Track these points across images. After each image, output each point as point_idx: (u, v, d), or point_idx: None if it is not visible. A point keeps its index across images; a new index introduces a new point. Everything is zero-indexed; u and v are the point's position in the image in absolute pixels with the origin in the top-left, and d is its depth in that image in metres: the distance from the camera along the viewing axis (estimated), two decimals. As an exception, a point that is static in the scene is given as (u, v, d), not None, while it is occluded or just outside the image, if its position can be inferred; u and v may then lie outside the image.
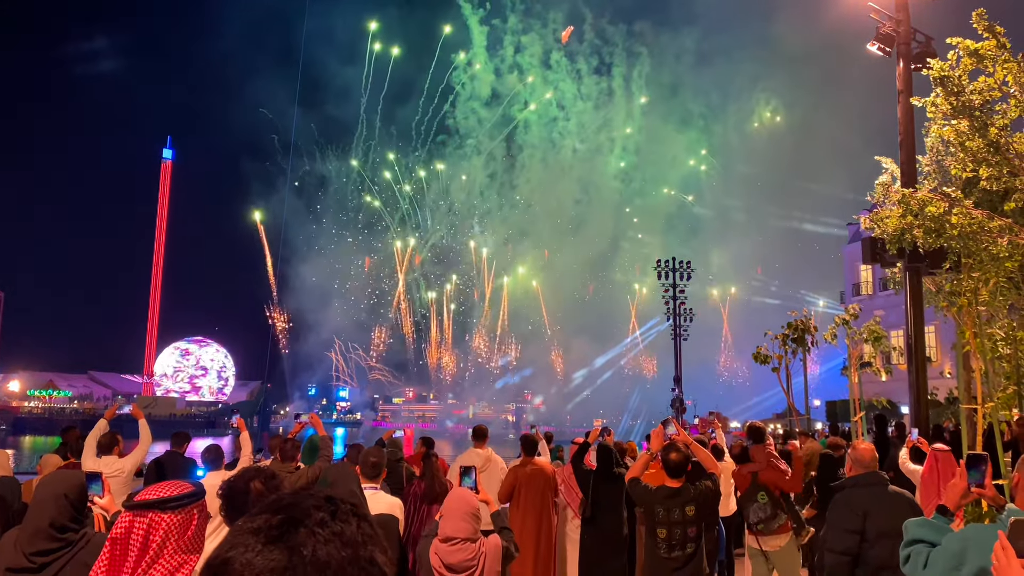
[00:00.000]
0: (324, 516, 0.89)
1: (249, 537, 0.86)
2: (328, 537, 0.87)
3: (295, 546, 0.85)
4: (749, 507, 7.02)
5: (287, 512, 0.89)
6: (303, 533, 0.86)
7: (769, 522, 6.94)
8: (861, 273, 46.34)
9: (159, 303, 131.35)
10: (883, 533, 4.63)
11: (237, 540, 0.86)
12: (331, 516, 0.90)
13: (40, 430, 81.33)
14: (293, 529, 0.87)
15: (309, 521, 0.88)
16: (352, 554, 0.87)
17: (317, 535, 0.87)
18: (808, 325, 15.54)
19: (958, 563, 2.82)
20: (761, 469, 7.16)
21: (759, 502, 6.98)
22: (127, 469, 6.96)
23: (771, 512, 6.95)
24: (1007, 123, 10.69)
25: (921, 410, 12.64)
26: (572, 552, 8.15)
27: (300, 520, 0.88)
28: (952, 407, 24.38)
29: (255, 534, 0.87)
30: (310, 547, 0.85)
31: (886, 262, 13.39)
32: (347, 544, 0.88)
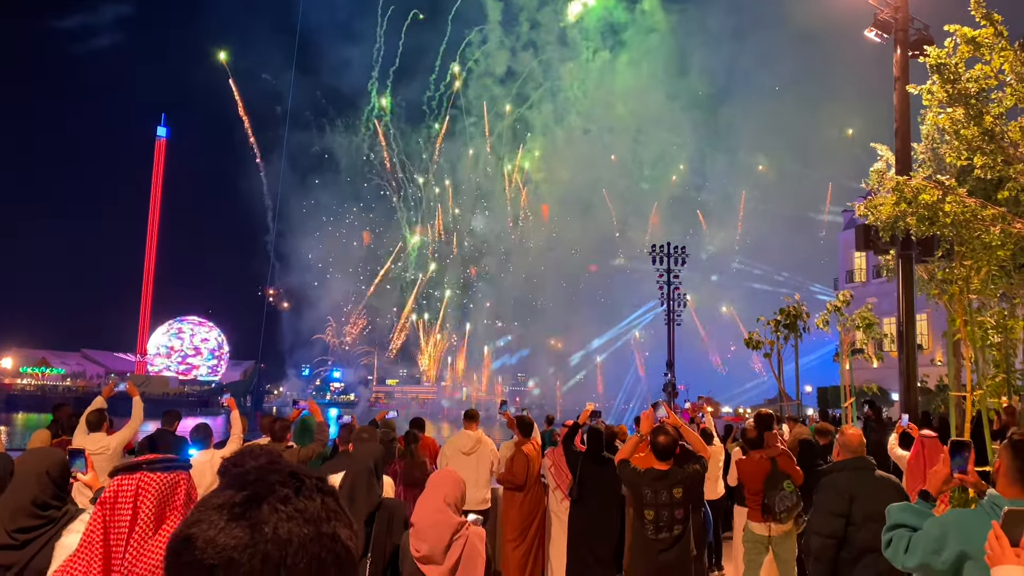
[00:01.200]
0: (288, 492, 0.89)
1: (212, 513, 0.86)
2: (291, 514, 0.87)
3: (257, 523, 0.85)
4: (775, 495, 6.99)
5: (251, 488, 0.88)
6: (266, 510, 0.86)
7: (792, 510, 6.95)
8: (855, 260, 46.45)
9: (152, 281, 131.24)
10: (869, 517, 4.67)
11: (201, 516, 0.86)
12: (295, 492, 0.89)
13: (33, 407, 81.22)
14: (256, 506, 0.86)
15: (272, 498, 0.88)
16: (314, 531, 0.87)
17: (280, 512, 0.86)
18: (800, 311, 15.58)
19: (939, 547, 2.85)
20: (777, 455, 7.19)
21: (786, 490, 6.97)
22: (112, 446, 6.92)
23: (796, 501, 6.96)
24: (1002, 111, 10.69)
25: (911, 397, 12.72)
26: (560, 533, 8.21)
27: (263, 496, 0.87)
28: (942, 394, 24.52)
29: (218, 510, 0.87)
30: (271, 524, 0.85)
31: (879, 249, 13.41)
32: (309, 521, 0.87)
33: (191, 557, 0.83)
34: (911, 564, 2.96)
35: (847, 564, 4.76)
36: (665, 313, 39.64)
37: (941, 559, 2.83)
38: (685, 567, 5.54)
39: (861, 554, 4.71)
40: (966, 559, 2.77)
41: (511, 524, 8.07)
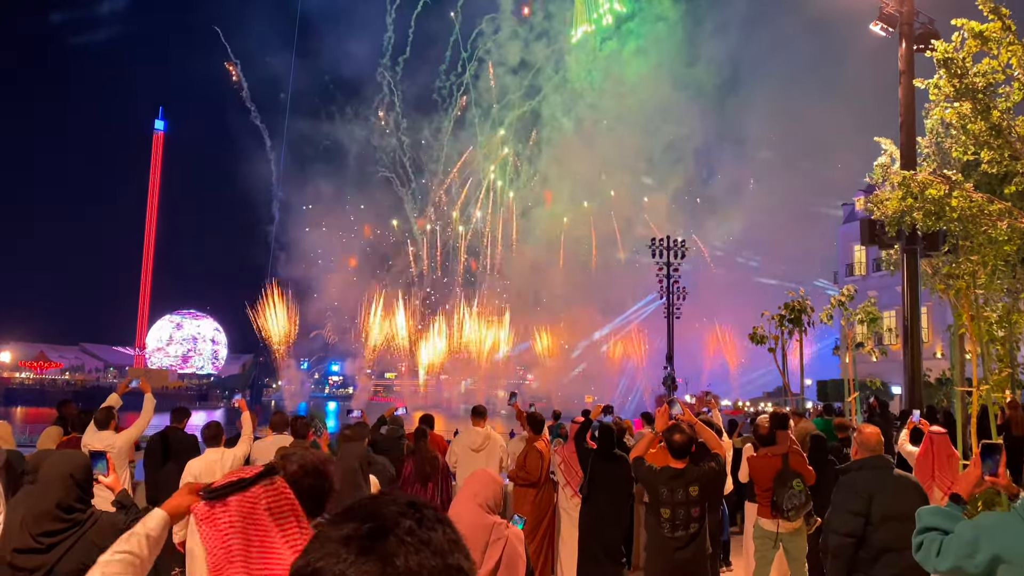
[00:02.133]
0: (411, 524, 0.88)
1: (339, 547, 0.85)
2: (418, 546, 0.86)
3: (387, 556, 0.84)
4: (783, 493, 6.99)
5: (374, 520, 0.88)
6: (392, 542, 0.86)
7: (800, 509, 6.94)
8: (855, 253, 46.49)
9: (151, 275, 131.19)
10: (887, 516, 4.68)
11: (327, 549, 0.86)
12: (417, 524, 0.89)
13: (32, 401, 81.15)
14: (382, 538, 0.86)
15: (398, 530, 0.87)
16: (442, 563, 0.87)
17: (407, 544, 0.86)
18: (805, 306, 15.60)
19: (972, 551, 2.85)
20: (789, 453, 7.18)
21: (795, 489, 6.97)
22: (117, 445, 6.87)
23: (804, 500, 6.96)
24: (1010, 106, 10.67)
25: (916, 391, 12.74)
26: (570, 529, 8.23)
27: (389, 528, 0.87)
28: (943, 388, 24.57)
29: (344, 544, 0.85)
30: (402, 557, 0.84)
31: (884, 244, 13.42)
32: (436, 552, 0.87)
33: None
34: (943, 568, 2.95)
35: (865, 563, 4.76)
36: (664, 306, 39.69)
37: (975, 563, 2.83)
38: (701, 565, 5.55)
39: (880, 553, 4.71)
40: (1000, 563, 2.77)
41: (522, 521, 8.07)
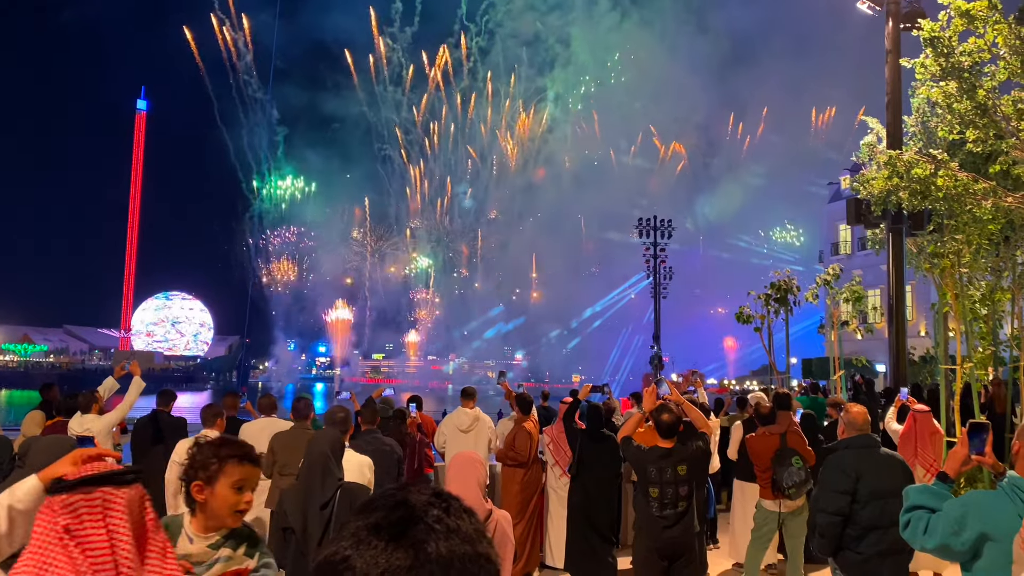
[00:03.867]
0: (439, 513, 0.89)
1: (369, 535, 0.86)
2: (447, 533, 0.87)
3: (418, 543, 0.85)
4: (783, 471, 7.02)
5: (403, 509, 0.89)
6: (422, 529, 0.86)
7: (801, 487, 6.97)
8: (840, 232, 46.68)
9: (135, 256, 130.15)
10: (874, 494, 4.73)
11: (358, 537, 0.86)
12: (445, 512, 0.90)
13: (16, 384, 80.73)
14: (412, 526, 0.87)
15: (427, 517, 0.88)
16: (472, 550, 0.87)
17: (436, 531, 0.87)
18: (791, 285, 15.67)
19: (959, 528, 2.88)
20: (787, 432, 7.22)
21: (794, 467, 7.01)
22: (95, 429, 6.80)
23: (804, 477, 7.00)
24: (995, 85, 10.71)
25: (900, 369, 12.85)
26: (559, 509, 8.28)
27: (419, 517, 0.88)
28: (928, 366, 24.83)
29: (375, 532, 0.86)
30: (432, 544, 0.85)
31: (870, 223, 13.48)
32: (466, 540, 0.88)
33: None
34: (930, 545, 2.98)
35: (852, 540, 4.82)
36: (652, 286, 39.80)
37: (961, 540, 2.86)
38: (690, 543, 5.60)
39: (866, 531, 4.77)
40: (986, 540, 2.80)
41: (511, 501, 8.11)
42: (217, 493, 2.61)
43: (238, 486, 2.64)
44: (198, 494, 2.61)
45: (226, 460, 2.64)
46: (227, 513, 2.63)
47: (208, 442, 2.73)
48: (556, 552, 8.28)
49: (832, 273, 16.15)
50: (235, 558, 2.63)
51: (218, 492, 2.61)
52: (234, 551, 2.63)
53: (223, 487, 2.61)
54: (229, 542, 2.64)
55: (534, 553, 8.29)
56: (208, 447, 2.68)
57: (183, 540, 2.59)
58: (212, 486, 2.61)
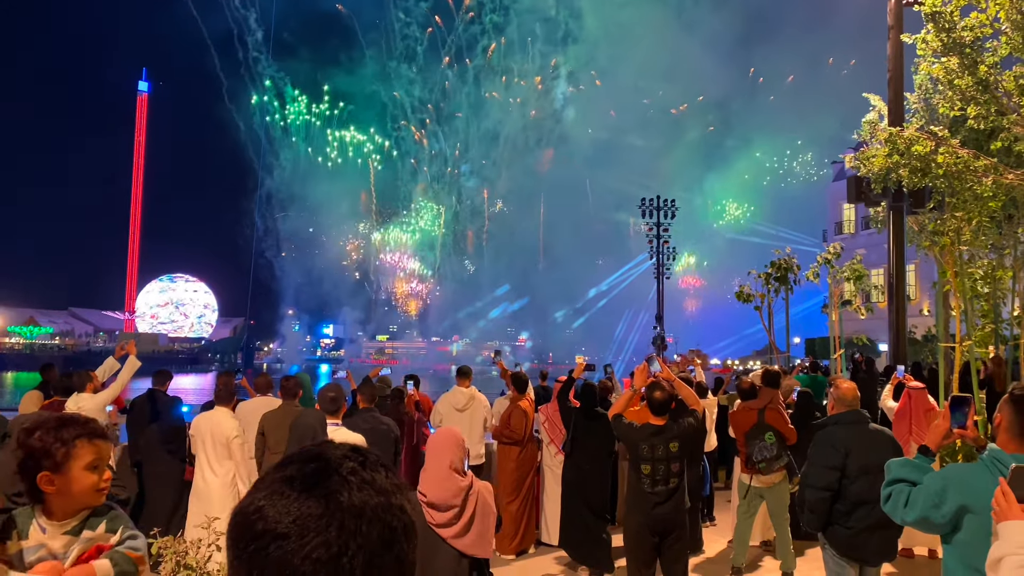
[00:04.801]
0: (355, 465, 0.91)
1: (283, 485, 0.88)
2: (361, 484, 0.89)
3: (330, 493, 0.87)
4: (755, 445, 7.09)
5: (317, 461, 0.91)
6: (336, 480, 0.88)
7: (772, 462, 7.04)
8: (844, 212, 46.48)
9: (139, 238, 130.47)
10: (863, 469, 4.73)
11: (272, 487, 0.88)
12: (361, 465, 0.92)
13: (23, 366, 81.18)
14: (326, 478, 0.88)
15: (342, 469, 0.90)
16: (386, 501, 0.89)
17: (350, 483, 0.88)
18: (791, 264, 15.61)
19: (939, 501, 2.87)
20: (766, 407, 7.24)
21: (766, 441, 7.06)
22: (87, 408, 6.77)
23: (776, 453, 7.05)
24: (997, 61, 10.58)
25: (901, 348, 12.82)
26: (554, 486, 8.31)
27: (333, 469, 0.90)
28: (929, 344, 24.78)
29: (288, 482, 0.88)
30: (345, 494, 0.87)
31: (870, 201, 13.39)
32: (380, 492, 0.90)
33: (264, 527, 0.84)
34: (910, 518, 2.98)
35: (841, 515, 4.82)
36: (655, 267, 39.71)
37: (941, 512, 2.85)
38: (680, 520, 5.61)
39: (855, 506, 4.77)
40: (966, 512, 2.79)
41: (506, 478, 8.14)
42: (73, 478, 2.38)
43: (93, 465, 2.42)
44: (47, 486, 2.36)
45: (73, 441, 2.39)
46: (89, 495, 2.43)
47: (42, 425, 2.42)
48: (551, 529, 8.32)
49: (833, 252, 16.06)
50: (96, 536, 2.46)
51: (74, 477, 2.38)
52: (94, 531, 2.46)
53: (78, 470, 2.39)
54: (89, 522, 2.46)
55: (530, 530, 8.34)
56: (46, 432, 2.39)
57: (35, 532, 2.38)
58: (63, 473, 2.37)
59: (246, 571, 0.84)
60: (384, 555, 0.87)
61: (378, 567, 0.85)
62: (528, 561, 8.07)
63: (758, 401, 7.42)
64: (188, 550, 4.09)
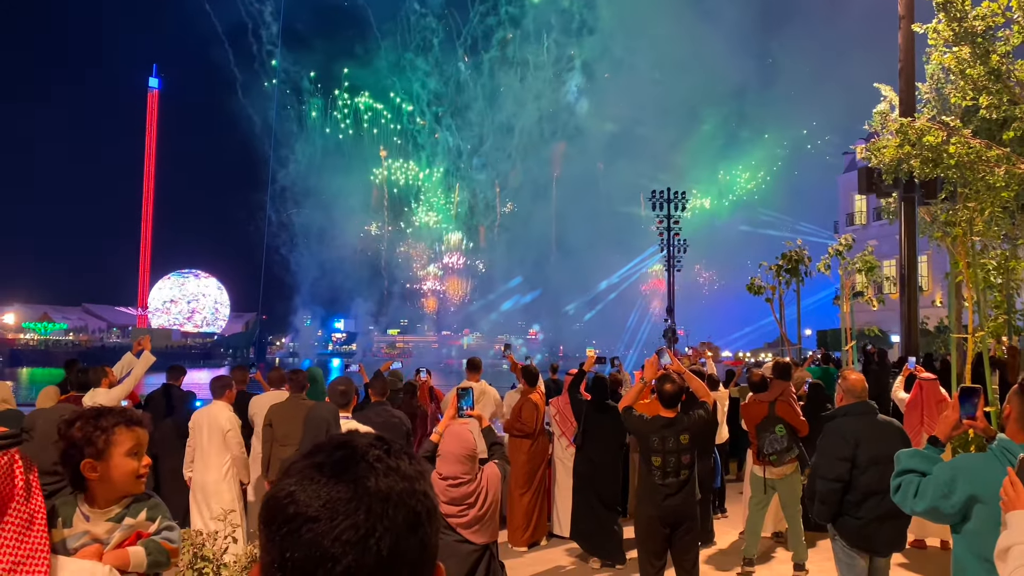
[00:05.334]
0: (380, 453, 0.96)
1: (313, 471, 0.92)
2: (387, 471, 0.93)
3: (358, 479, 0.91)
4: (765, 437, 7.13)
5: (346, 449, 0.95)
6: (363, 467, 0.92)
7: (783, 454, 7.07)
8: (855, 203, 46.24)
9: (151, 234, 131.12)
10: (873, 460, 4.76)
11: (303, 474, 0.92)
12: (386, 453, 0.96)
13: (37, 362, 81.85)
14: (354, 464, 0.93)
15: (368, 456, 0.94)
16: (409, 487, 0.94)
17: (376, 469, 0.93)
18: (802, 256, 15.57)
19: (948, 491, 2.89)
20: (777, 399, 7.26)
21: (776, 434, 7.09)
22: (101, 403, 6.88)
23: (787, 445, 7.08)
24: (1009, 50, 10.52)
25: (913, 339, 12.78)
26: (565, 479, 8.35)
27: (360, 456, 0.94)
28: (942, 336, 24.67)
29: (318, 469, 0.92)
30: (372, 480, 0.91)
31: (882, 192, 13.35)
32: (404, 478, 0.94)
33: (296, 510, 0.88)
34: (920, 508, 2.99)
35: (852, 506, 4.85)
36: (665, 259, 39.63)
37: (950, 503, 2.87)
38: (691, 511, 5.63)
39: (865, 496, 4.80)
40: (975, 503, 2.81)
41: (518, 471, 8.18)
42: (114, 464, 2.48)
43: (133, 451, 2.53)
44: (91, 472, 2.47)
45: (113, 428, 2.50)
46: (129, 482, 2.52)
47: (80, 416, 2.54)
48: (563, 521, 8.36)
49: (844, 243, 16.01)
50: (137, 524, 2.55)
51: (115, 463, 2.48)
52: (135, 518, 2.55)
53: (118, 457, 2.49)
54: (131, 509, 2.55)
55: (541, 523, 8.38)
56: (86, 422, 2.50)
57: (79, 519, 2.47)
58: (105, 460, 2.47)
59: (279, 552, 0.87)
60: (409, 538, 0.90)
61: (403, 549, 0.89)
62: (540, 553, 8.12)
63: (769, 393, 7.44)
64: (205, 542, 4.16)
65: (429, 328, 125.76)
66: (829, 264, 15.94)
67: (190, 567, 4.04)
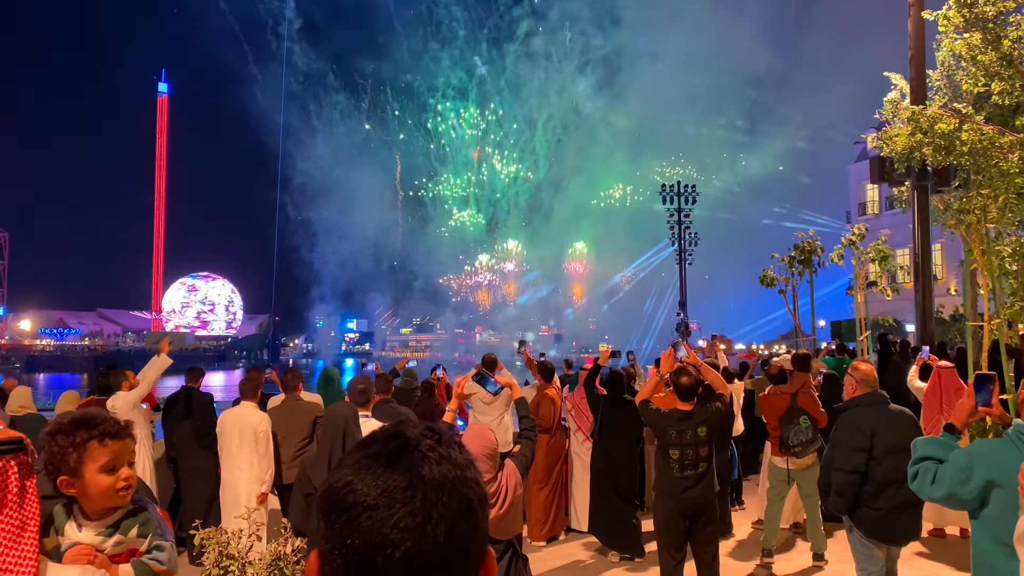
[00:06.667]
0: (431, 443, 0.99)
1: (370, 461, 0.95)
2: (439, 459, 0.96)
3: (413, 467, 0.94)
4: (790, 429, 7.15)
5: (399, 440, 0.98)
6: (417, 456, 0.96)
7: (807, 446, 7.10)
8: (867, 192, 45.97)
9: (163, 238, 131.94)
10: (889, 449, 4.76)
11: (359, 464, 0.95)
12: (437, 443, 0.99)
13: (54, 367, 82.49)
14: (408, 454, 0.96)
15: (421, 446, 0.98)
16: (462, 475, 0.97)
17: (430, 458, 0.96)
18: (815, 246, 15.51)
19: (966, 477, 2.91)
20: (799, 391, 7.28)
21: (800, 425, 7.11)
22: (116, 406, 6.86)
23: (811, 436, 7.11)
24: (1021, 35, 10.46)
25: (927, 328, 12.72)
26: (583, 473, 8.38)
27: (414, 446, 0.97)
28: (957, 324, 24.52)
29: (375, 459, 0.95)
30: (426, 468, 0.94)
31: (894, 181, 13.27)
32: (456, 466, 0.97)
33: (355, 499, 0.91)
34: (938, 495, 3.02)
35: (869, 497, 4.84)
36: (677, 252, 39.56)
37: (968, 488, 2.89)
38: (710, 503, 5.66)
39: (883, 487, 4.79)
40: (993, 487, 2.83)
41: (536, 466, 8.22)
42: (88, 482, 2.37)
43: (108, 467, 2.39)
44: (68, 489, 2.38)
45: (85, 445, 2.37)
46: (107, 498, 2.41)
47: (60, 429, 2.41)
48: (581, 516, 8.40)
49: (857, 233, 15.93)
50: (127, 541, 2.47)
51: (88, 480, 2.37)
52: (125, 535, 2.47)
53: (91, 474, 2.37)
54: (123, 524, 2.48)
55: (559, 517, 8.42)
56: (61, 436, 2.38)
57: (71, 529, 2.41)
58: (80, 477, 2.37)
59: (339, 540, 0.91)
60: (463, 524, 0.94)
61: (458, 535, 0.92)
62: (559, 547, 8.16)
63: (791, 385, 7.44)
64: (230, 540, 4.22)
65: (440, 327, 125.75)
66: (842, 254, 15.86)
67: (216, 565, 4.11)
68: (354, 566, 0.89)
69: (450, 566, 0.92)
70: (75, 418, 2.47)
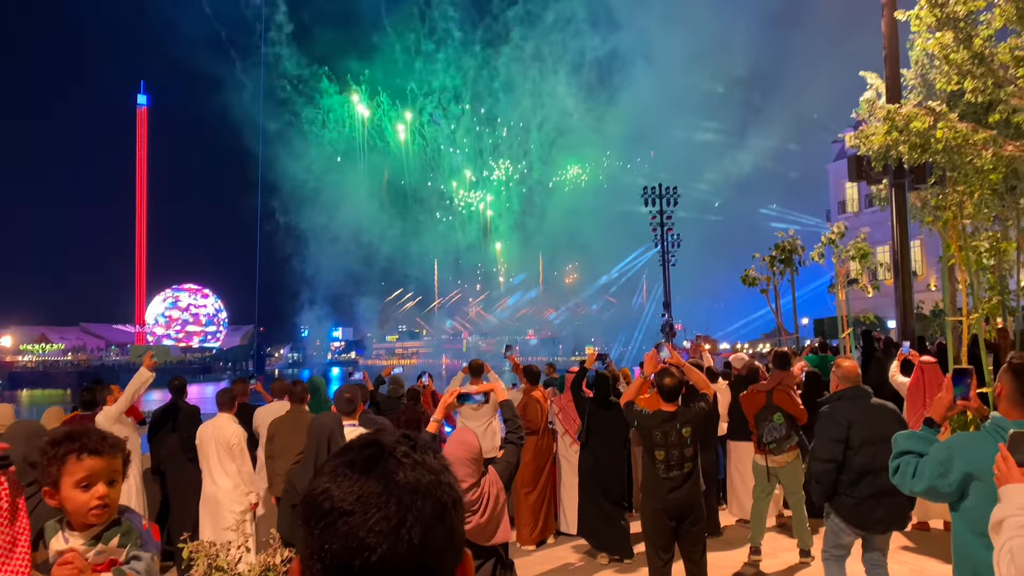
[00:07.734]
0: (407, 449, 1.02)
1: (345, 469, 0.98)
2: (414, 465, 1.00)
3: (388, 474, 0.97)
4: (764, 427, 7.25)
5: (374, 447, 1.02)
6: (392, 463, 0.99)
7: (782, 442, 7.20)
8: (846, 190, 46.40)
9: (145, 251, 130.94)
10: (865, 441, 5.04)
11: (336, 472, 0.98)
12: (412, 449, 1.03)
13: (36, 383, 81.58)
14: (383, 461, 0.99)
15: (396, 452, 1.01)
16: (435, 479, 1.00)
17: (404, 464, 0.99)
18: (795, 246, 15.66)
19: (945, 470, 2.96)
20: (775, 388, 7.37)
21: (774, 422, 7.21)
22: (99, 421, 6.88)
23: (785, 433, 7.21)
24: (992, 33, 10.61)
25: (907, 324, 12.86)
26: (571, 476, 8.41)
27: (388, 453, 1.01)
28: (937, 320, 24.78)
29: (350, 466, 0.98)
30: (401, 474, 0.98)
31: (871, 179, 13.41)
32: (430, 471, 1.00)
33: (332, 505, 0.94)
34: (919, 488, 3.07)
35: (847, 486, 5.11)
36: (660, 254, 39.74)
37: (947, 481, 2.94)
38: (696, 503, 5.70)
39: (860, 476, 5.04)
40: (972, 480, 2.88)
41: (524, 470, 8.23)
42: (64, 496, 2.39)
43: (83, 484, 2.39)
44: (50, 500, 2.41)
45: (63, 459, 2.38)
46: (83, 514, 2.40)
47: (52, 440, 2.43)
48: (569, 518, 8.43)
49: (837, 231, 16.11)
50: (107, 550, 2.47)
51: (64, 495, 2.38)
52: (107, 544, 2.47)
53: (67, 488, 2.38)
54: (105, 534, 2.48)
55: (548, 520, 8.44)
56: (50, 447, 2.41)
57: (58, 540, 2.42)
58: (60, 490, 2.39)
59: (318, 545, 0.94)
60: (438, 526, 0.97)
61: (433, 537, 0.95)
62: (548, 551, 8.18)
63: (767, 383, 7.53)
64: (219, 552, 4.21)
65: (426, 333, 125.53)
66: (823, 253, 16.02)
67: (205, 577, 4.10)
68: (333, 570, 0.92)
69: (426, 568, 0.94)
70: (67, 431, 2.48)
